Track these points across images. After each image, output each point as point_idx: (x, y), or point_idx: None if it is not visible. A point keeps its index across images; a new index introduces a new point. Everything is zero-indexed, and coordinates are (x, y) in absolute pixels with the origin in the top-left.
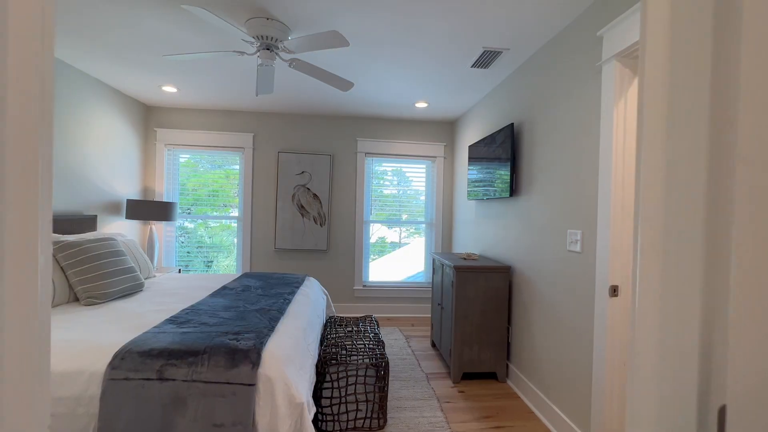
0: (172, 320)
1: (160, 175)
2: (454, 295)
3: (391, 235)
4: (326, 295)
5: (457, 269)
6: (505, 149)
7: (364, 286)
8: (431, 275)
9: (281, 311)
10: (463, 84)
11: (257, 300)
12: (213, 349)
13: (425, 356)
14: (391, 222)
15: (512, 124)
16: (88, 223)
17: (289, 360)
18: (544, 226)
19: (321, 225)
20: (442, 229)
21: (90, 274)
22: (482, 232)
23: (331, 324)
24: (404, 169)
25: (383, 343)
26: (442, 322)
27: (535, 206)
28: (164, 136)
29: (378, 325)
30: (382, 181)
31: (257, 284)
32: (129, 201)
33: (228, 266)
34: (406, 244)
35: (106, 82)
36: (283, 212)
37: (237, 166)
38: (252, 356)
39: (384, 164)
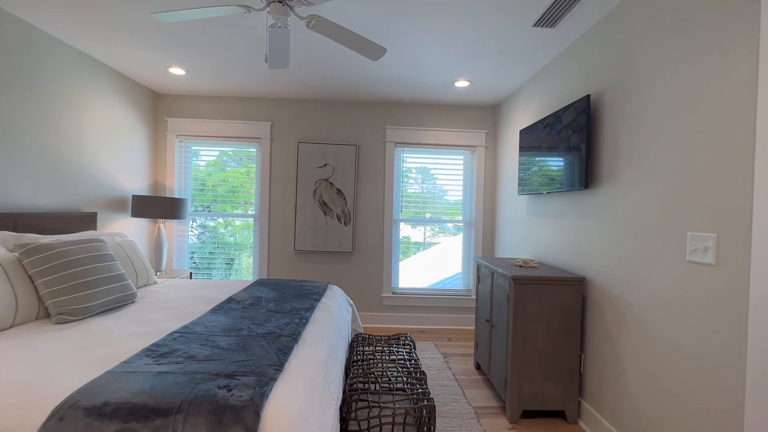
0: (151, 351)
1: (171, 168)
2: (512, 312)
3: (415, 234)
4: (352, 306)
5: (516, 280)
6: (576, 129)
7: (394, 293)
8: (474, 283)
9: (295, 337)
10: (519, 52)
11: (267, 318)
12: (192, 405)
13: (470, 382)
14: (423, 221)
15: (588, 96)
16: (86, 221)
17: (302, 419)
18: (642, 227)
19: (345, 224)
20: (483, 229)
21: (64, 284)
22: (538, 234)
23: (357, 343)
24: (429, 166)
25: (425, 375)
26: (492, 342)
27: (624, 201)
28: (175, 126)
29: (414, 346)
30: (406, 179)
31: (270, 295)
32: (135, 197)
33: (250, 266)
34: (432, 244)
35: (106, 63)
36: (304, 210)
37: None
38: (247, 417)
39: (409, 161)
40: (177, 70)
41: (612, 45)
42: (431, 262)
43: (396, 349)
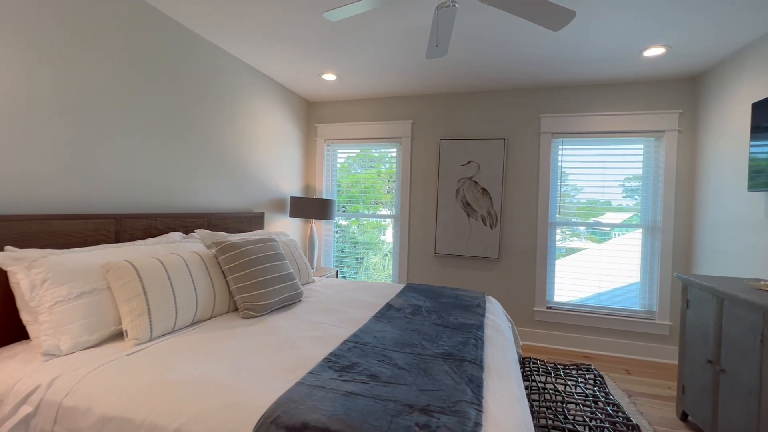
0: (331, 362)
1: (320, 171)
2: None
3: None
4: (511, 323)
5: None
6: None
7: (549, 308)
8: (659, 303)
9: (479, 363)
10: None
11: (436, 334)
12: None
13: None
14: (593, 224)
15: None
16: (256, 221)
17: None
18: None
19: (491, 227)
20: (674, 235)
21: (249, 281)
22: None
23: (527, 370)
24: (594, 159)
25: (639, 430)
26: (721, 392)
27: None
28: (324, 131)
29: (604, 381)
30: (564, 175)
31: (427, 305)
32: (293, 198)
33: (376, 264)
34: (561, 249)
35: (271, 75)
36: (445, 211)
37: (388, 165)
38: None
39: (568, 153)
40: (329, 76)
41: None
42: (571, 271)
43: (582, 384)
